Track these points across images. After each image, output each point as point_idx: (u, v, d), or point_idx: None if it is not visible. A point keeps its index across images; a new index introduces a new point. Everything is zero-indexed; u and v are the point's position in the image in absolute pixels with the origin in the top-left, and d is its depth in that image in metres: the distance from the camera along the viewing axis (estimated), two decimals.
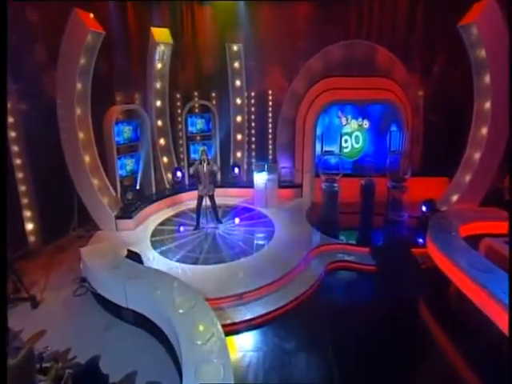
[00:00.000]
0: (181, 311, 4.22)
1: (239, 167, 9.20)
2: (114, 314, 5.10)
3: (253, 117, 9.75)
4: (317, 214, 7.65)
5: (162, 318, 4.39)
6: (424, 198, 7.34)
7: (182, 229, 7.16)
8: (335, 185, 7.39)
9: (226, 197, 8.55)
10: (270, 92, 9.53)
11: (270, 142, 9.80)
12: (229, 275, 5.54)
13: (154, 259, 5.97)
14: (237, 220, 7.47)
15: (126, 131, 7.65)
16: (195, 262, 5.95)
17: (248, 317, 4.92)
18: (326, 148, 8.30)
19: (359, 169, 8.41)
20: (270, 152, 9.87)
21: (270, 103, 9.60)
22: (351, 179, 7.78)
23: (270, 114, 9.66)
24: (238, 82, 9.01)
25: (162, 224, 7.47)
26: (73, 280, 5.86)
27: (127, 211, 7.19)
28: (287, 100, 8.78)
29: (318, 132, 8.42)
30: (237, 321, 4.84)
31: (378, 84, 8.06)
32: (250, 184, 8.69)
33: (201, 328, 3.93)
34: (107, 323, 4.96)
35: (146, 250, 6.30)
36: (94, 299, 5.43)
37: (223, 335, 3.87)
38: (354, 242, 6.72)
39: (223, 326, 4.07)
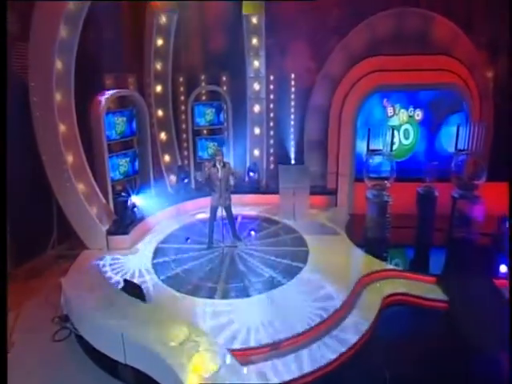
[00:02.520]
0: (200, 374, 3.54)
1: (257, 169, 8.58)
2: (106, 369, 4.44)
3: (271, 106, 9.13)
4: (360, 230, 7.07)
5: (172, 381, 3.68)
6: (500, 211, 6.42)
7: (189, 241, 6.74)
8: (385, 193, 6.71)
9: (242, 205, 7.87)
10: (292, 76, 8.88)
11: (292, 137, 9.16)
12: (257, 314, 4.87)
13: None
14: (252, 233, 7.06)
15: (119, 123, 7.14)
16: (211, 294, 5.37)
17: (289, 376, 4.12)
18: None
19: (407, 171, 7.63)
20: (292, 149, 9.27)
21: (293, 89, 8.94)
22: (399, 184, 7.00)
23: (293, 103, 9.01)
24: (256, 63, 8.36)
25: (165, 241, 6.92)
26: (51, 319, 5.22)
27: (122, 225, 6.63)
28: (319, 86, 8.21)
29: (361, 125, 7.74)
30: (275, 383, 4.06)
31: (436, 63, 7.28)
32: (271, 190, 8.22)
33: None
34: (98, 382, 4.26)
35: (147, 278, 5.70)
36: (79, 347, 4.78)
37: None
38: (413, 267, 6.09)
39: None
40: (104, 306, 4.62)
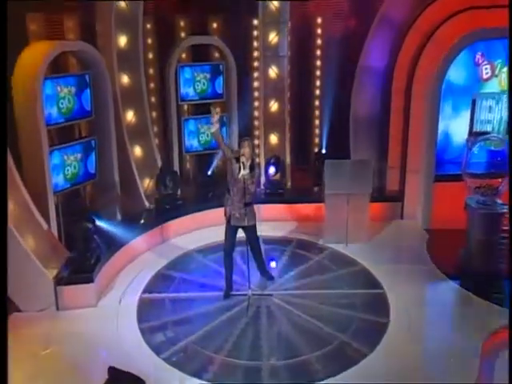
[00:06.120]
0: None
1: (278, 164, 8.34)
2: None
3: (288, 68, 8.88)
4: (452, 255, 6.87)
5: None
6: None
7: None
8: (498, 200, 6.31)
9: (259, 220, 7.14)
10: (318, 21, 8.75)
11: (317, 113, 9.19)
12: None
13: None
14: (273, 264, 6.99)
15: (64, 97, 6.63)
16: (255, 380, 4.75)
17: None
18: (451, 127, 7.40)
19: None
20: (317, 131, 9.37)
21: (319, 41, 8.86)
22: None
23: (319, 63, 8.96)
24: (275, 3, 8.11)
25: (150, 288, 6.43)
26: None
27: (81, 266, 6.04)
28: (373, 38, 7.94)
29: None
30: None
31: None
32: (301, 197, 8.27)
33: None
34: None
35: (139, 357, 4.97)
36: None
37: None
38: None
39: None
40: None
